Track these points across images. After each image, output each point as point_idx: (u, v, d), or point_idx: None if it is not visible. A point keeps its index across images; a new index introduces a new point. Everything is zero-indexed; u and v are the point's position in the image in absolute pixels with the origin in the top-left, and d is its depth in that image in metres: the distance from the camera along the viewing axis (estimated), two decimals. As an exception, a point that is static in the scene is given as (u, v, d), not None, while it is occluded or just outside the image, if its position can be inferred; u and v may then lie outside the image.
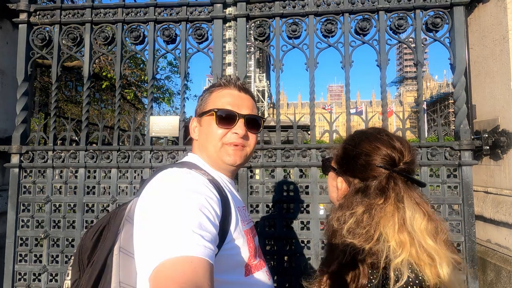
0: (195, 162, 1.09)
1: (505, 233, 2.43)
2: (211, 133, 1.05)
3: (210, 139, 1.06)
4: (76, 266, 0.98)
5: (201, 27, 2.86)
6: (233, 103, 1.07)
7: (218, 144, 1.05)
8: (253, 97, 1.15)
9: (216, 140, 1.05)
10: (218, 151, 1.06)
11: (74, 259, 1.00)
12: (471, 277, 2.39)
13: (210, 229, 0.80)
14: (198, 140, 1.12)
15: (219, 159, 1.06)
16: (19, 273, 2.76)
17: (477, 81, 2.80)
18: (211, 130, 1.06)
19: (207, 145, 1.07)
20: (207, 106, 1.10)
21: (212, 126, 1.05)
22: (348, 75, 2.71)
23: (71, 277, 0.99)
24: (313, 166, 2.64)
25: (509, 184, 2.42)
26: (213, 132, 1.05)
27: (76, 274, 0.98)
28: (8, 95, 3.13)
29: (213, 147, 1.06)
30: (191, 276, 0.68)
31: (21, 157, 2.84)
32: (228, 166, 1.08)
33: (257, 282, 1.01)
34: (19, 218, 2.80)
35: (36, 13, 2.95)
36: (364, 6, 2.71)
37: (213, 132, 1.05)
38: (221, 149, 1.05)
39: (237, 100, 1.08)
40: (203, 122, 1.10)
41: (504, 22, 2.46)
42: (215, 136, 1.05)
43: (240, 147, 1.07)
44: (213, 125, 1.05)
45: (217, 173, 1.08)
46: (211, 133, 1.05)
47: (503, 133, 2.45)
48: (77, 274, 0.97)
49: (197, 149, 1.13)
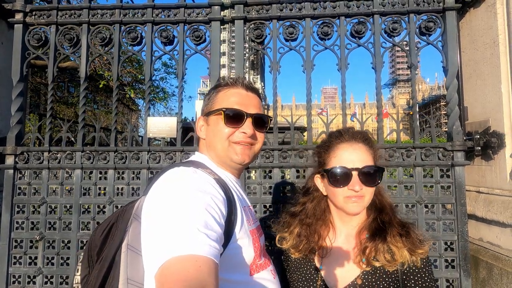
0: (202, 161, 1.10)
1: (497, 232, 2.49)
2: (219, 132, 1.06)
3: (218, 138, 1.07)
4: (86, 262, 1.00)
5: (198, 28, 2.87)
6: (240, 102, 1.08)
7: (225, 142, 1.06)
8: (259, 96, 1.17)
9: (224, 138, 1.06)
10: (226, 149, 1.06)
11: (84, 255, 1.02)
12: (464, 274, 2.44)
13: (216, 228, 0.81)
14: (205, 139, 1.13)
15: (227, 157, 1.07)
16: (13, 276, 2.72)
17: (469, 83, 2.88)
18: (218, 129, 1.06)
19: (215, 144, 1.08)
20: (214, 105, 1.10)
21: (220, 125, 1.06)
22: (344, 77, 2.76)
23: (80, 273, 1.01)
24: (310, 166, 2.65)
25: (500, 183, 2.49)
26: (221, 131, 1.06)
27: (86, 270, 0.99)
28: (2, 95, 3.09)
29: (221, 145, 1.07)
30: (196, 275, 0.68)
31: (16, 158, 2.80)
32: (236, 165, 1.09)
33: (262, 281, 1.03)
34: (13, 220, 2.77)
35: (32, 13, 2.93)
36: (359, 9, 2.76)
37: (221, 131, 1.06)
38: (229, 147, 1.06)
39: (244, 99, 1.09)
40: (211, 121, 1.10)
41: (495, 27, 2.54)
42: (223, 135, 1.06)
43: (248, 145, 1.08)
44: (221, 124, 1.06)
45: (224, 172, 1.09)
46: (218, 132, 1.06)
47: (494, 134, 2.52)
48: (87, 270, 0.99)
49: (204, 148, 1.14)
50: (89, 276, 0.96)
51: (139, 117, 16.47)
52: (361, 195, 1.13)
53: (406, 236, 1.12)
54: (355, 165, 1.12)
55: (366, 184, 1.13)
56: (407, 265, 1.09)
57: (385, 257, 1.09)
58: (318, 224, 1.22)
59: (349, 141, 1.18)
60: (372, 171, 1.13)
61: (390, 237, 1.12)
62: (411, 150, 2.63)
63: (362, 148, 1.17)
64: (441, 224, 2.54)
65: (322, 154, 1.24)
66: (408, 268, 1.09)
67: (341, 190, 1.14)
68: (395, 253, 1.09)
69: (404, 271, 1.10)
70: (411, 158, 2.62)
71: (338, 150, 1.18)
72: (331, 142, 1.22)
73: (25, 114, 3.02)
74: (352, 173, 1.12)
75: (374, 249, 1.11)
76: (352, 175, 1.12)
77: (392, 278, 1.10)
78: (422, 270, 1.10)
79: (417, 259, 1.09)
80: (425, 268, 1.10)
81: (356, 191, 1.11)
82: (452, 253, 2.50)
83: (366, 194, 1.14)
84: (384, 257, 1.09)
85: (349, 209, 1.15)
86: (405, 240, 1.11)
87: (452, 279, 2.48)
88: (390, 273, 1.10)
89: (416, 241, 1.12)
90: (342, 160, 1.15)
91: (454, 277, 2.47)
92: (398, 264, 1.09)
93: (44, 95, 11.76)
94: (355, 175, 1.12)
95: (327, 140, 1.27)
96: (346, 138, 1.19)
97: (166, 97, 14.87)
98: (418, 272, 1.09)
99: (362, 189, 1.12)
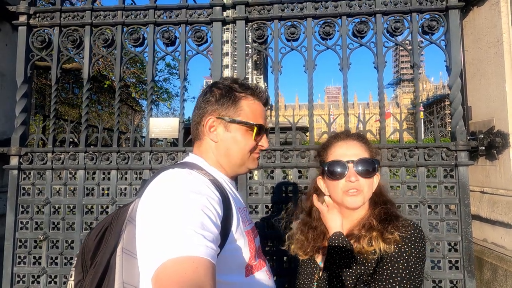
0: (196, 162, 1.09)
1: (501, 232, 2.47)
2: (244, 144, 1.09)
3: (241, 149, 1.09)
4: (79, 267, 0.98)
5: (200, 29, 2.88)
6: (263, 117, 1.14)
7: (247, 154, 1.10)
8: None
9: (247, 151, 1.10)
10: (246, 159, 1.11)
11: (77, 260, 1.00)
12: (468, 276, 2.42)
13: (212, 229, 0.80)
14: (218, 143, 1.09)
15: (243, 165, 1.12)
16: (17, 275, 2.75)
17: (472, 82, 2.85)
18: (245, 141, 1.08)
19: (234, 153, 1.09)
20: (239, 114, 1.08)
21: (247, 138, 1.09)
22: (346, 77, 2.74)
23: (74, 278, 0.99)
24: (312, 167, 2.67)
25: (505, 184, 2.46)
26: (248, 144, 1.09)
27: (80, 275, 0.98)
28: (7, 97, 3.13)
29: (242, 155, 1.10)
30: (193, 276, 0.68)
31: (20, 159, 2.83)
32: (248, 171, 1.17)
33: (258, 282, 1.02)
34: (18, 220, 2.80)
35: (36, 15, 2.96)
36: (361, 9, 2.75)
37: (247, 143, 1.09)
38: (249, 158, 1.12)
39: (264, 113, 1.16)
40: (233, 129, 1.08)
41: (499, 25, 2.51)
42: (248, 148, 1.10)
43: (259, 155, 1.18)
44: (249, 138, 1.09)
45: (218, 173, 1.09)
46: (244, 144, 1.09)
47: (498, 133, 2.49)
48: (80, 275, 0.97)
49: (210, 150, 1.10)
50: (83, 281, 0.94)
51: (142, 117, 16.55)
52: (359, 188, 1.17)
53: (383, 222, 1.14)
54: (351, 158, 1.20)
55: (362, 175, 1.18)
56: (378, 253, 1.09)
57: (362, 244, 1.12)
58: (324, 225, 1.27)
59: (344, 139, 1.28)
60: (367, 161, 1.20)
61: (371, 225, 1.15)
62: (414, 150, 2.61)
63: (357, 144, 1.25)
64: (444, 225, 2.52)
65: (322, 154, 1.32)
66: (380, 254, 1.10)
67: (339, 183, 1.19)
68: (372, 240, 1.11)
69: (378, 257, 1.10)
70: (414, 158, 2.60)
71: (334, 148, 1.27)
72: (329, 142, 1.32)
73: (30, 115, 3.05)
74: (348, 165, 1.18)
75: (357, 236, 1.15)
76: (348, 167, 1.18)
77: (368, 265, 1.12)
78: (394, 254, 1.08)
79: (390, 246, 1.08)
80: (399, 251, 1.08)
81: (352, 182, 1.16)
82: (456, 254, 2.48)
83: (363, 186, 1.18)
84: (362, 243, 1.12)
85: (348, 203, 1.18)
86: (379, 224, 1.13)
87: (456, 280, 2.46)
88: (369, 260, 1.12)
89: (391, 226, 1.12)
90: (338, 155, 1.23)
91: (458, 278, 2.45)
92: (370, 251, 1.10)
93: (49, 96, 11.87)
94: (350, 167, 1.18)
95: (326, 141, 1.36)
96: (342, 137, 1.29)
97: (169, 98, 14.93)
98: (388, 257, 1.08)
99: (359, 180, 1.17)
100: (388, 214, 1.17)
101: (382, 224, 1.14)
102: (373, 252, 1.11)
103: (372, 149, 1.26)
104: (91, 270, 0.93)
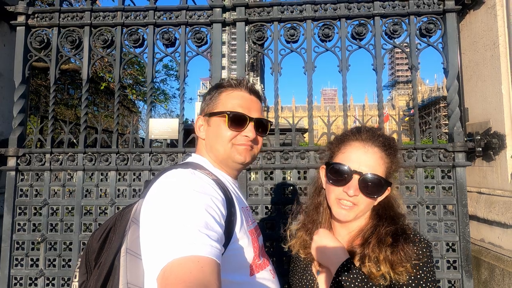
0: (199, 162, 1.09)
1: (498, 232, 2.50)
2: (222, 134, 1.06)
3: (220, 140, 1.07)
4: (83, 268, 0.98)
5: (200, 30, 2.89)
6: (244, 106, 1.08)
7: (228, 145, 1.07)
8: (261, 99, 1.17)
9: (226, 141, 1.06)
10: (229, 151, 1.07)
11: (81, 261, 1.00)
12: (465, 275, 2.45)
13: (216, 229, 0.81)
14: (205, 140, 1.12)
15: (228, 158, 1.08)
16: (15, 278, 2.72)
17: (469, 84, 2.89)
18: (221, 131, 1.07)
19: (216, 146, 1.08)
20: (217, 106, 1.10)
21: (223, 128, 1.06)
22: (345, 78, 2.77)
23: (78, 279, 0.99)
24: (312, 168, 2.68)
25: (501, 184, 2.49)
26: (224, 134, 1.06)
27: (84, 276, 0.98)
28: (4, 97, 3.10)
29: (223, 147, 1.07)
30: (198, 275, 0.68)
31: (18, 160, 2.81)
32: (237, 165, 1.10)
33: (262, 281, 1.03)
34: (15, 222, 2.77)
35: (34, 16, 2.94)
36: (360, 11, 2.78)
37: (223, 133, 1.06)
38: (232, 149, 1.07)
39: (247, 102, 1.10)
40: (212, 122, 1.10)
41: (495, 28, 2.56)
42: (226, 138, 1.06)
43: (249, 147, 1.09)
44: (224, 127, 1.06)
45: (222, 173, 1.10)
46: (221, 135, 1.07)
47: (494, 135, 2.52)
48: (85, 276, 0.97)
49: (203, 148, 1.13)
50: (87, 282, 0.94)
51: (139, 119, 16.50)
52: (355, 203, 1.02)
53: (392, 249, 0.97)
54: (360, 169, 1.01)
55: (363, 193, 1.01)
56: (389, 279, 0.96)
57: (370, 267, 0.98)
58: (324, 226, 1.20)
59: (365, 141, 1.06)
60: (377, 181, 1.00)
61: (377, 246, 0.99)
62: (412, 151, 2.63)
63: (376, 153, 1.04)
64: (442, 225, 2.54)
65: (333, 147, 1.15)
66: (391, 284, 0.97)
67: (336, 189, 1.06)
68: (381, 265, 0.97)
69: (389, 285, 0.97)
70: (412, 159, 2.63)
71: (349, 147, 1.07)
72: (346, 137, 1.11)
73: (27, 116, 3.03)
74: (353, 175, 1.01)
75: (362, 256, 1.02)
76: (352, 177, 1.01)
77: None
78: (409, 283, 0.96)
79: (402, 276, 0.95)
80: (416, 279, 0.96)
81: (349, 196, 1.01)
82: (454, 254, 2.51)
83: (361, 204, 1.03)
84: (369, 266, 0.98)
85: (336, 213, 1.06)
86: (390, 254, 0.97)
87: (454, 280, 2.48)
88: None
89: (403, 256, 0.96)
90: (348, 157, 1.05)
91: (456, 278, 2.47)
92: (379, 276, 0.96)
93: (45, 97, 11.77)
94: (355, 179, 1.01)
95: (343, 133, 1.15)
96: (363, 137, 1.07)
97: (166, 99, 14.89)
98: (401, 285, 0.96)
99: (358, 196, 1.01)
100: (396, 238, 0.99)
101: (391, 248, 0.97)
102: (383, 277, 0.96)
103: (393, 164, 1.07)
104: (95, 271, 0.93)
